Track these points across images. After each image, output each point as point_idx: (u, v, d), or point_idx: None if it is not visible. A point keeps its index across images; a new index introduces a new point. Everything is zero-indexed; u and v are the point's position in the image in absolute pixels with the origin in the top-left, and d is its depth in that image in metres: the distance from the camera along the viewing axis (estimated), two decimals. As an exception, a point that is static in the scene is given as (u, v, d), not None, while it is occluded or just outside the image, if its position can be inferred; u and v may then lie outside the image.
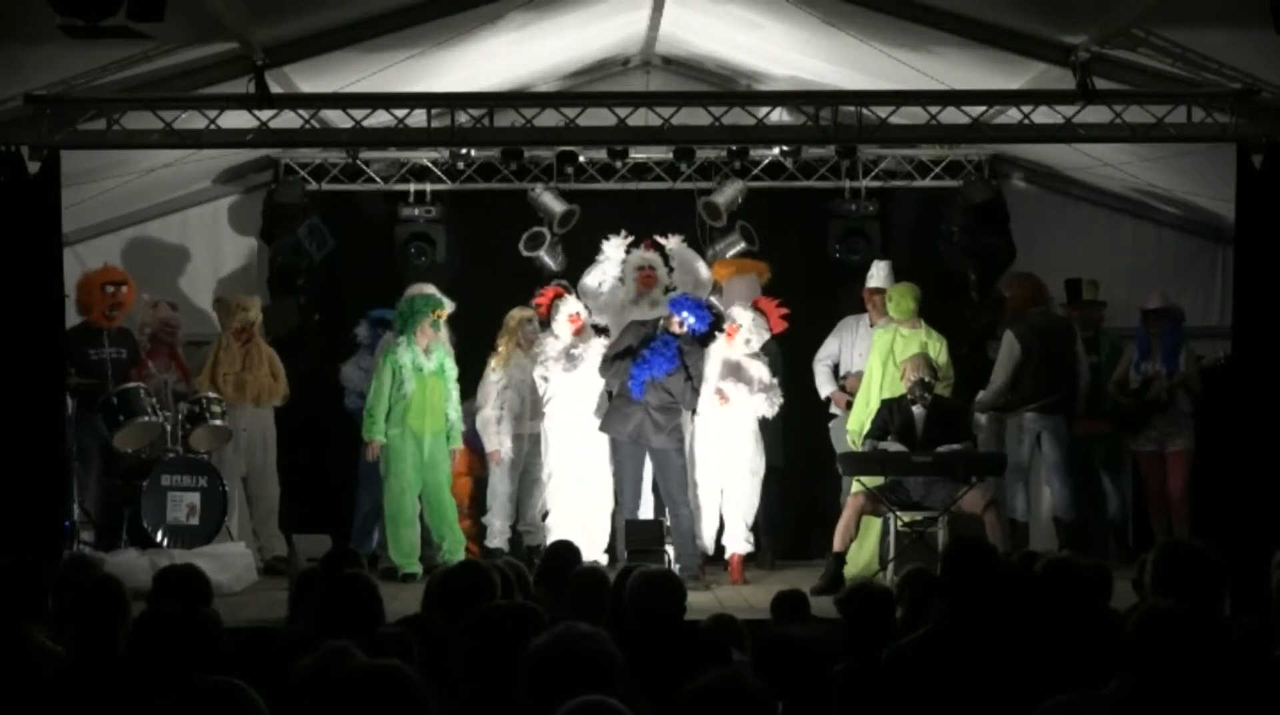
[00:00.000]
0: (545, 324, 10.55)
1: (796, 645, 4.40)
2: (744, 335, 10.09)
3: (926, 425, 9.82)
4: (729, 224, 11.53)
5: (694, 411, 10.01)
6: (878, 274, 10.83)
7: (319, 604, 5.17)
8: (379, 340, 10.84)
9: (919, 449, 9.74)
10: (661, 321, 9.88)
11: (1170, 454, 10.30)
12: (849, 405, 10.62)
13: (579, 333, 10.29)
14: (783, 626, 5.37)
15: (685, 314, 9.82)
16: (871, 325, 10.81)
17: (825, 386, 10.94)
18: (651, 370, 9.69)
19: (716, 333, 10.14)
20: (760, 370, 10.12)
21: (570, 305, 10.33)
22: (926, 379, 9.82)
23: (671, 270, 10.58)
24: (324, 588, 5.41)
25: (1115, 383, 10.51)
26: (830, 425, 10.86)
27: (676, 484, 9.81)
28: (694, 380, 9.78)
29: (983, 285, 11.47)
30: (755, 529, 10.31)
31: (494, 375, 10.48)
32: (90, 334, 10.11)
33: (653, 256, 10.50)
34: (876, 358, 10.41)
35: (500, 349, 10.54)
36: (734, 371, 10.05)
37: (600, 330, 10.50)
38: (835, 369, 10.98)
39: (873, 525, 10.03)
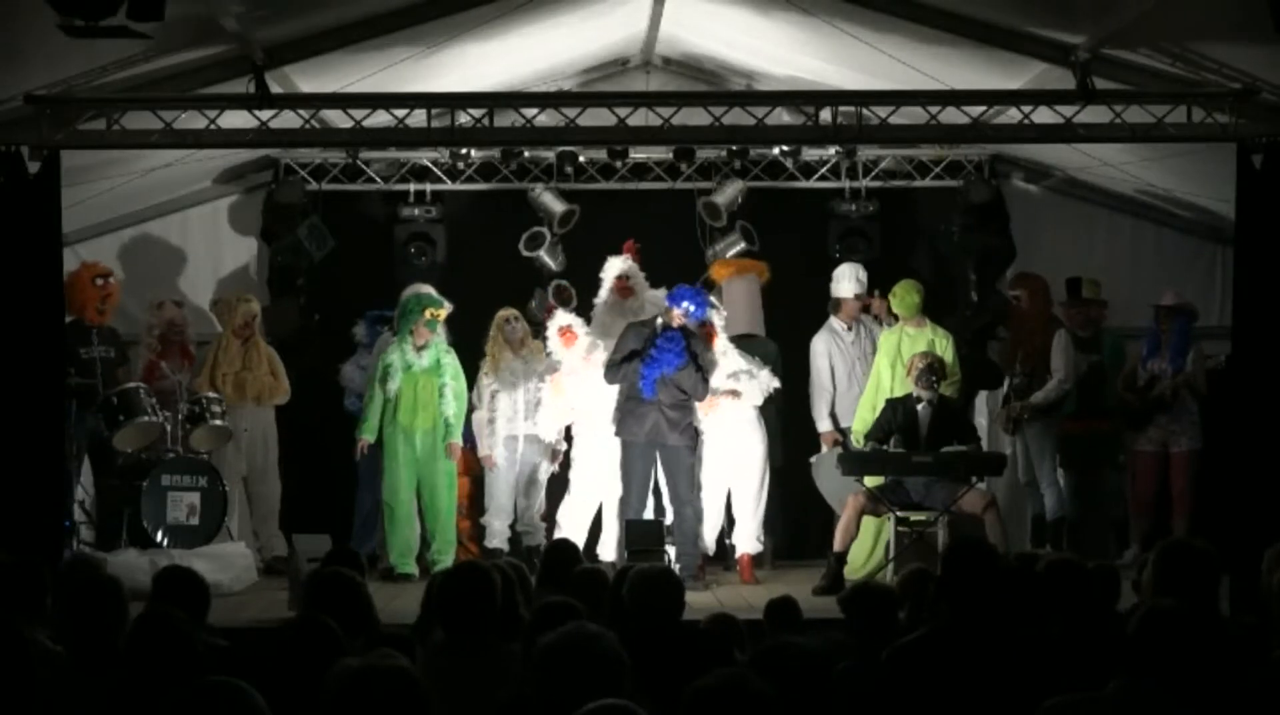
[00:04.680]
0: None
1: (794, 654, 4.38)
2: (721, 337, 10.10)
3: (931, 425, 9.83)
4: (729, 224, 11.52)
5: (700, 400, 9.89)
6: (861, 279, 10.79)
7: (307, 603, 5.18)
8: (378, 339, 10.86)
9: (922, 448, 9.75)
10: (660, 318, 9.81)
11: (1174, 454, 10.30)
12: (837, 442, 10.65)
13: (570, 347, 10.24)
14: (779, 635, 5.35)
15: (686, 304, 9.69)
16: (849, 328, 10.81)
17: (821, 421, 10.84)
18: (662, 367, 9.61)
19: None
20: (737, 361, 10.11)
21: (560, 318, 10.31)
22: (935, 364, 9.83)
23: None
24: (310, 587, 5.43)
25: (1123, 379, 10.54)
26: (813, 460, 10.73)
27: (685, 483, 9.78)
28: (704, 370, 9.72)
29: (983, 285, 11.46)
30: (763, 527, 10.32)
31: (485, 378, 10.49)
32: (80, 332, 10.09)
33: (633, 267, 10.38)
34: (884, 359, 10.42)
35: (489, 351, 10.55)
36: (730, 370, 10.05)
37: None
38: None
39: (878, 527, 10.04)
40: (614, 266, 10.33)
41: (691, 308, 9.69)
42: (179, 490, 9.81)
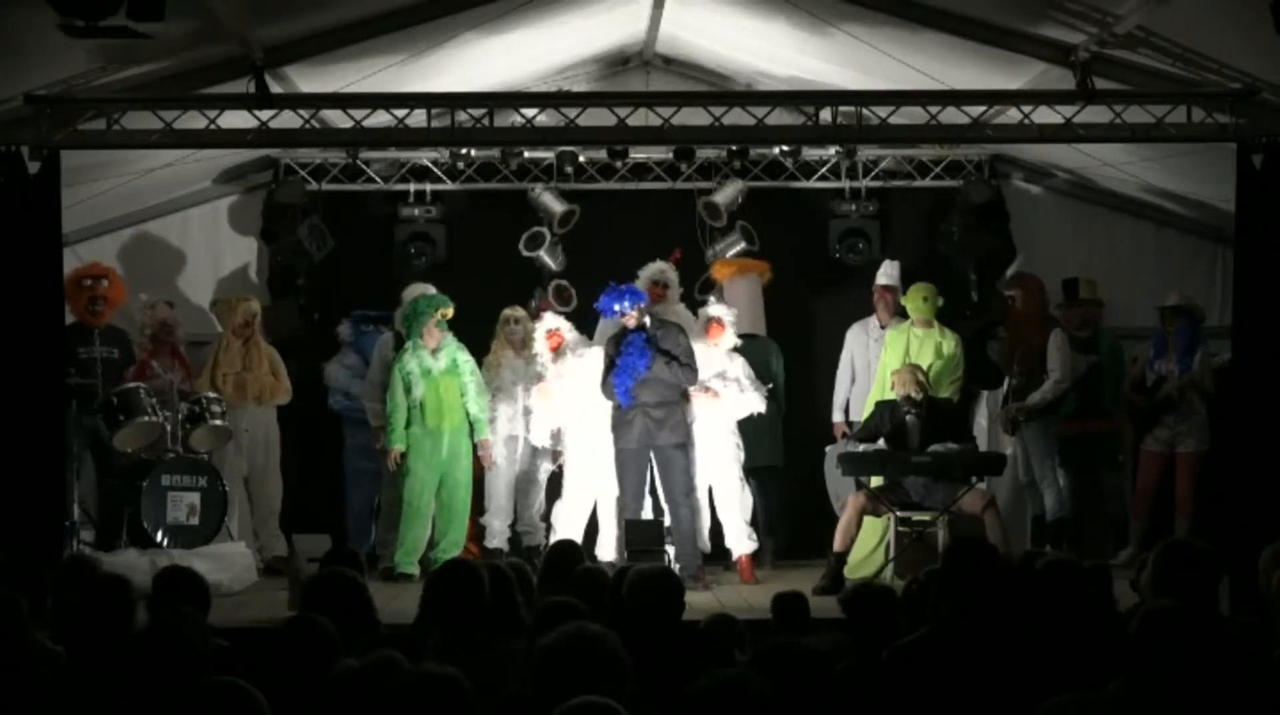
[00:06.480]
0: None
1: (794, 654, 4.38)
2: (728, 333, 10.10)
3: (922, 429, 9.81)
4: (729, 224, 11.53)
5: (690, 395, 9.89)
6: (889, 272, 10.88)
7: (307, 603, 5.18)
8: (362, 338, 10.85)
9: (915, 451, 9.74)
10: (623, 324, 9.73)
11: (1180, 455, 10.29)
12: (844, 435, 10.70)
13: (556, 350, 10.23)
14: (784, 634, 5.34)
15: (618, 307, 9.61)
16: (882, 326, 10.84)
17: (834, 411, 10.97)
18: (630, 373, 9.58)
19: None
20: (741, 367, 10.11)
21: (547, 322, 10.30)
22: (914, 395, 9.84)
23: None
24: (312, 585, 5.43)
25: (1131, 380, 10.55)
26: (828, 449, 10.77)
27: (679, 484, 9.76)
28: (680, 357, 9.64)
29: (983, 285, 11.46)
30: (753, 524, 10.32)
31: (487, 376, 10.48)
32: (81, 333, 10.08)
33: (671, 275, 10.34)
34: (892, 359, 10.42)
35: (492, 349, 10.56)
36: (719, 370, 10.02)
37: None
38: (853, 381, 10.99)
39: (879, 527, 10.04)
40: (653, 270, 10.27)
41: (624, 303, 9.61)
42: (179, 490, 9.80)
